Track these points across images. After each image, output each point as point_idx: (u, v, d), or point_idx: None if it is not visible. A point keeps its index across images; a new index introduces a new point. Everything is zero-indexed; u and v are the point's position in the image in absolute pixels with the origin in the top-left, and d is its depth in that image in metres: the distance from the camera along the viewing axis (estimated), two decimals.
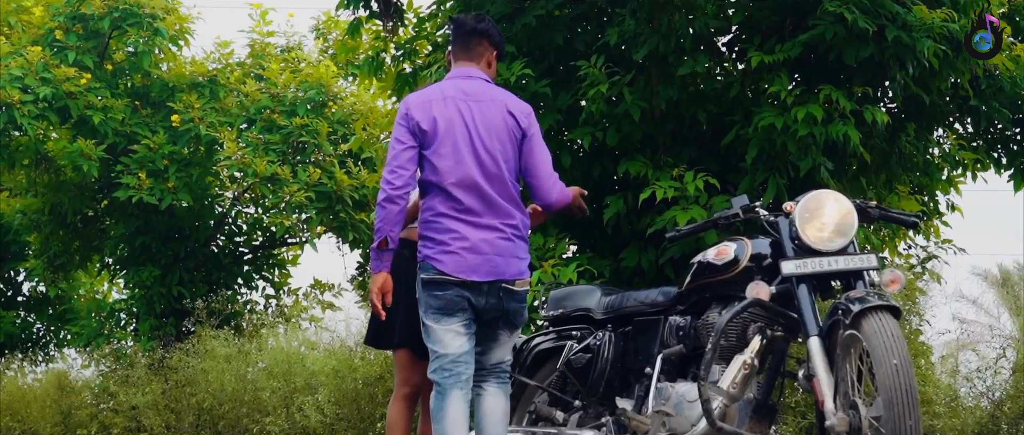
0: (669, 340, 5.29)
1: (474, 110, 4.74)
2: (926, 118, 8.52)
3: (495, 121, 4.74)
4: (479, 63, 4.90)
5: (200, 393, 12.04)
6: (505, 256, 4.70)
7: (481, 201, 4.68)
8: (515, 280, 4.73)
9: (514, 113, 4.79)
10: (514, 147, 4.77)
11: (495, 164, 4.70)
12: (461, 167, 4.68)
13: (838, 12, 7.31)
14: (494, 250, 4.68)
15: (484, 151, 4.69)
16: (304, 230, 14.85)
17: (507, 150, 4.74)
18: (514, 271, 4.72)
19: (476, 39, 4.91)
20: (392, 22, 9.33)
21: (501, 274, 4.69)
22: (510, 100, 4.85)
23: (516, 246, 4.74)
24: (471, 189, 4.67)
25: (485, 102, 4.77)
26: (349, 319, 13.55)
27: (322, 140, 13.78)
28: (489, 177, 4.69)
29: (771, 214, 4.95)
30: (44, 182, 14.52)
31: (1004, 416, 7.95)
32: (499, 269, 4.68)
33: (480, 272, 4.65)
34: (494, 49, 4.94)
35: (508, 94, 4.90)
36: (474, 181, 4.67)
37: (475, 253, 4.65)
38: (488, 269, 4.66)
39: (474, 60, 4.90)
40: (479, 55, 4.91)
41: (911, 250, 9.50)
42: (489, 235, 4.67)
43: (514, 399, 6.00)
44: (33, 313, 18.27)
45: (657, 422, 5.06)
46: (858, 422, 4.35)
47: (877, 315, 4.35)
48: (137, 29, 13.57)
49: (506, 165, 4.73)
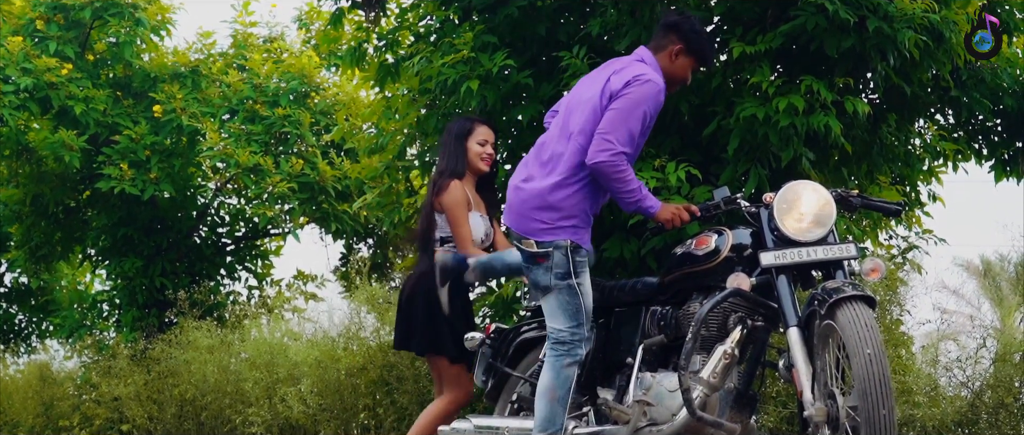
0: (650, 330, 5.30)
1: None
2: (907, 109, 8.54)
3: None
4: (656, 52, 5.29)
5: (182, 384, 12.03)
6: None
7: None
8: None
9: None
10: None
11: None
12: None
13: (819, 3, 7.33)
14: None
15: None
16: (287, 221, 14.83)
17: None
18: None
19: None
20: (374, 12, 9.31)
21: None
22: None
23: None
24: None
25: None
26: (332, 310, 13.58)
27: (305, 131, 13.76)
28: None
29: (751, 205, 4.97)
30: (25, 173, 14.47)
31: (984, 406, 7.99)
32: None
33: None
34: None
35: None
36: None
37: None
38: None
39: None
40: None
41: (892, 240, 9.53)
42: None
43: (496, 389, 6.03)
44: (15, 304, 18.21)
45: (638, 412, 5.08)
46: (836, 412, 4.38)
47: (852, 305, 4.37)
48: (118, 19, 13.52)
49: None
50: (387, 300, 10.68)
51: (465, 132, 6.36)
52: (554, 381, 5.15)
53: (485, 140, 6.36)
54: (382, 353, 10.13)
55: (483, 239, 6.22)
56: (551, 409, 5.14)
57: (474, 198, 6.32)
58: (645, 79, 5.08)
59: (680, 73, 5.25)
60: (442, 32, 8.65)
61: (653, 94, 5.08)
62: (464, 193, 6.21)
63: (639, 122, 5.04)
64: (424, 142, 9.07)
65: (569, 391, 5.16)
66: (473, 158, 6.32)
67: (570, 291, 5.13)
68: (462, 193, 6.19)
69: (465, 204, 6.19)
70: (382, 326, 10.44)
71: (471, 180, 6.36)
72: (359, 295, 10.90)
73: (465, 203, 6.19)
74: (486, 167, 6.37)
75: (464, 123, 6.43)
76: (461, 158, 6.31)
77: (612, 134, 5.01)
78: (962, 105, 8.80)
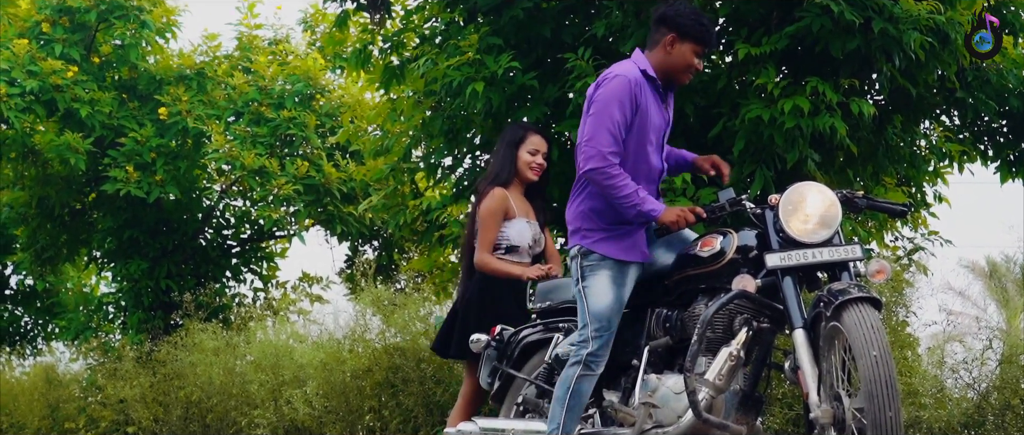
0: (655, 332, 5.29)
1: None
2: (913, 110, 8.53)
3: None
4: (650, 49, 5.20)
5: (188, 386, 12.03)
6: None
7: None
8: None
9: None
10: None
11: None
12: None
13: (824, 4, 7.32)
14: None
15: None
16: (292, 223, 14.85)
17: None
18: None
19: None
20: (379, 15, 9.31)
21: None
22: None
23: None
24: None
25: None
26: (337, 312, 13.61)
27: (310, 133, 13.77)
28: None
29: (757, 206, 4.96)
30: (31, 175, 14.49)
31: (990, 407, 7.98)
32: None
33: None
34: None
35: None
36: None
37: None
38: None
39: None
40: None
41: (898, 242, 9.52)
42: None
43: (502, 391, 6.03)
44: (21, 307, 18.25)
45: (643, 414, 5.07)
46: (842, 413, 4.36)
47: (857, 307, 4.36)
48: (124, 22, 13.55)
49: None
50: (392, 302, 10.68)
51: (517, 140, 6.38)
52: (558, 380, 5.20)
53: (536, 149, 6.36)
54: (387, 355, 10.13)
55: (531, 245, 6.28)
56: (552, 408, 5.18)
57: (521, 205, 6.34)
58: (612, 76, 5.05)
59: (681, 61, 5.12)
60: (447, 34, 8.65)
61: (623, 87, 4.99)
62: (501, 202, 6.25)
63: (616, 118, 4.96)
64: (429, 144, 9.07)
65: (567, 392, 5.14)
66: (522, 167, 6.34)
67: (579, 295, 5.17)
68: (498, 202, 6.25)
69: (499, 212, 6.25)
70: (387, 328, 10.44)
71: (520, 187, 6.38)
72: (364, 297, 10.90)
73: (499, 211, 6.25)
74: (534, 176, 6.37)
75: (517, 130, 6.46)
76: (509, 166, 6.35)
77: (592, 140, 4.97)
78: (968, 106, 8.78)
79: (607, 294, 5.11)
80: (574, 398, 5.16)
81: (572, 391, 5.15)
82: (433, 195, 9.22)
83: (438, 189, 9.26)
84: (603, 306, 5.11)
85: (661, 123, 5.18)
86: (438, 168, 8.99)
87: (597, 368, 5.14)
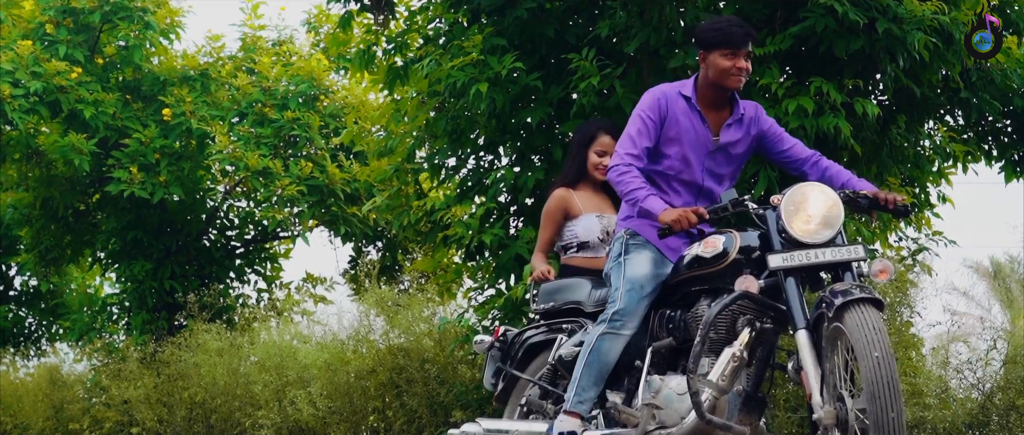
0: (658, 333, 5.29)
1: None
2: (917, 110, 8.52)
3: None
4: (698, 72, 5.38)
5: (192, 387, 12.04)
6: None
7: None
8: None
9: None
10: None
11: None
12: None
13: (828, 5, 7.32)
14: None
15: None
16: (296, 224, 14.86)
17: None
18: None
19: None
20: (383, 15, 9.31)
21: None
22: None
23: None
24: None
25: None
26: (341, 313, 13.60)
27: (314, 134, 13.78)
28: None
29: (759, 207, 4.95)
30: (35, 176, 14.51)
31: (994, 408, 7.97)
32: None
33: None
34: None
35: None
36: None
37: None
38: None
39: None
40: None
41: (902, 242, 9.50)
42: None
43: (506, 392, 6.03)
44: (25, 307, 18.26)
45: (647, 415, 5.07)
46: (845, 414, 4.36)
47: (859, 308, 4.36)
48: (128, 23, 13.56)
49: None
50: (396, 302, 10.69)
51: (586, 140, 6.30)
52: (586, 344, 5.34)
53: (604, 150, 6.25)
54: (391, 356, 10.14)
55: (602, 238, 6.21)
56: (577, 374, 5.31)
57: (589, 201, 6.23)
58: (646, 92, 5.42)
59: (716, 69, 5.23)
60: (451, 35, 8.65)
61: (648, 98, 5.32)
62: (559, 202, 6.21)
63: (637, 126, 5.28)
64: (433, 145, 9.07)
65: (589, 349, 5.28)
66: (590, 168, 6.27)
67: (616, 267, 5.35)
68: (555, 202, 6.22)
69: (556, 212, 6.21)
70: (391, 329, 10.45)
71: (592, 184, 6.30)
72: (368, 298, 10.91)
73: (556, 211, 6.21)
74: (602, 177, 6.20)
75: (587, 130, 6.36)
76: (576, 166, 6.29)
77: (617, 145, 5.34)
78: (972, 106, 8.77)
79: (645, 266, 5.28)
80: (594, 355, 5.25)
81: (594, 348, 5.24)
82: (437, 196, 9.22)
83: (442, 190, 9.25)
84: (640, 273, 5.27)
85: (700, 140, 5.27)
86: (442, 169, 8.99)
87: (622, 329, 5.23)
